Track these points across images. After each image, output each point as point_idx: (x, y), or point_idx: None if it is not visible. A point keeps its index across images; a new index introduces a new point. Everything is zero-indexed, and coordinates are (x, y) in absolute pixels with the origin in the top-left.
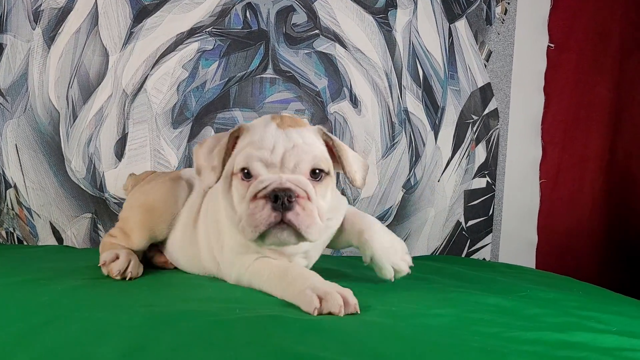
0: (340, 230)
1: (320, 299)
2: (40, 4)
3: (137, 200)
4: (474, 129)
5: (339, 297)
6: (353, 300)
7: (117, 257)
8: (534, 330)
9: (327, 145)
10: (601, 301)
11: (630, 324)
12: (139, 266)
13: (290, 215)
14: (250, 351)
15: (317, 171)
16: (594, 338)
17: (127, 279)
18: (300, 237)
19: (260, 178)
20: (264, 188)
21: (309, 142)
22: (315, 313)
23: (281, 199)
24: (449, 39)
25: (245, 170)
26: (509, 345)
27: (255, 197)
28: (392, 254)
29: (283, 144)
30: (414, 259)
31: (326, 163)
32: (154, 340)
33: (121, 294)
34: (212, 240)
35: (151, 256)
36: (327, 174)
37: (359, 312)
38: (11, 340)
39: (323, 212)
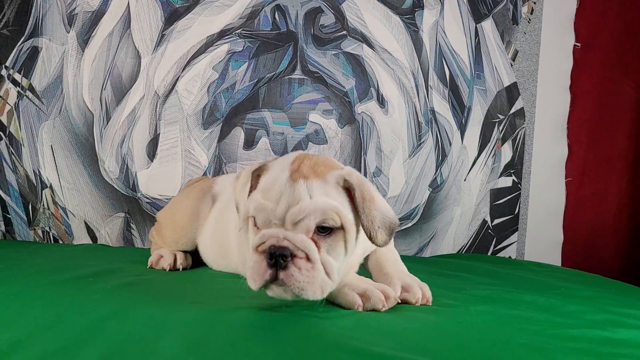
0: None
1: (362, 296)
2: (75, 8)
3: (168, 214)
4: (500, 128)
5: (380, 293)
6: (392, 294)
7: (162, 256)
8: (576, 328)
9: (351, 194)
10: (637, 298)
11: None
12: (186, 257)
13: (283, 275)
14: (308, 346)
15: (325, 227)
16: (637, 335)
17: (180, 269)
18: (297, 295)
19: (262, 232)
20: (263, 243)
21: (317, 197)
22: (360, 309)
23: (275, 258)
24: (476, 38)
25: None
26: (554, 342)
27: (256, 249)
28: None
29: (287, 199)
30: (441, 257)
31: (336, 218)
32: (211, 335)
33: (169, 291)
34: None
35: None
36: (340, 228)
37: (399, 302)
38: (76, 335)
39: (332, 268)
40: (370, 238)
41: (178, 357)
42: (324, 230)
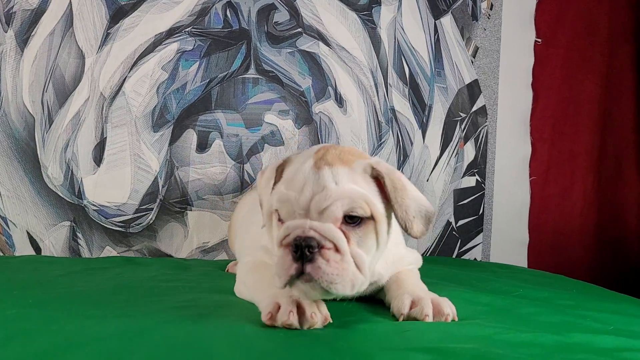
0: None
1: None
2: (12, 6)
3: None
4: (462, 126)
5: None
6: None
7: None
8: (529, 332)
9: (380, 184)
10: (596, 299)
11: (628, 323)
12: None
13: (309, 268)
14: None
15: (354, 217)
16: (592, 339)
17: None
18: (325, 291)
19: (286, 224)
20: (287, 236)
21: (343, 185)
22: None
23: (301, 250)
24: (435, 35)
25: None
26: (504, 348)
27: (281, 243)
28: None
29: (312, 187)
30: None
31: (366, 207)
32: (127, 352)
33: (96, 304)
34: None
35: None
36: (370, 218)
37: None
38: None
39: (362, 261)
40: (405, 229)
41: None
42: (352, 221)
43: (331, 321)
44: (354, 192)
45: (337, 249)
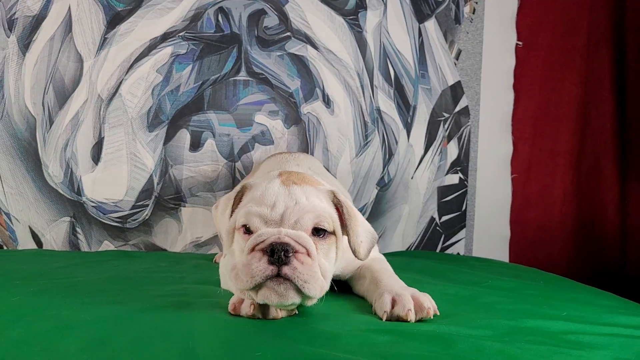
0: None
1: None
2: (15, 12)
3: None
4: (446, 126)
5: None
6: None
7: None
8: (486, 318)
9: (337, 209)
10: (559, 289)
11: (581, 310)
12: None
13: (286, 270)
14: (211, 342)
15: (320, 230)
16: (543, 324)
17: None
18: (299, 292)
19: (259, 232)
20: (262, 242)
21: (312, 201)
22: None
23: (278, 253)
24: (419, 38)
25: (247, 226)
26: (458, 330)
27: (253, 249)
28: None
29: (284, 201)
30: (389, 255)
31: (330, 223)
32: (117, 333)
33: (90, 292)
34: None
35: None
36: (332, 233)
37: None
38: None
39: (326, 270)
40: (354, 251)
41: (73, 356)
42: (318, 233)
43: (297, 312)
44: (322, 207)
45: (308, 254)
